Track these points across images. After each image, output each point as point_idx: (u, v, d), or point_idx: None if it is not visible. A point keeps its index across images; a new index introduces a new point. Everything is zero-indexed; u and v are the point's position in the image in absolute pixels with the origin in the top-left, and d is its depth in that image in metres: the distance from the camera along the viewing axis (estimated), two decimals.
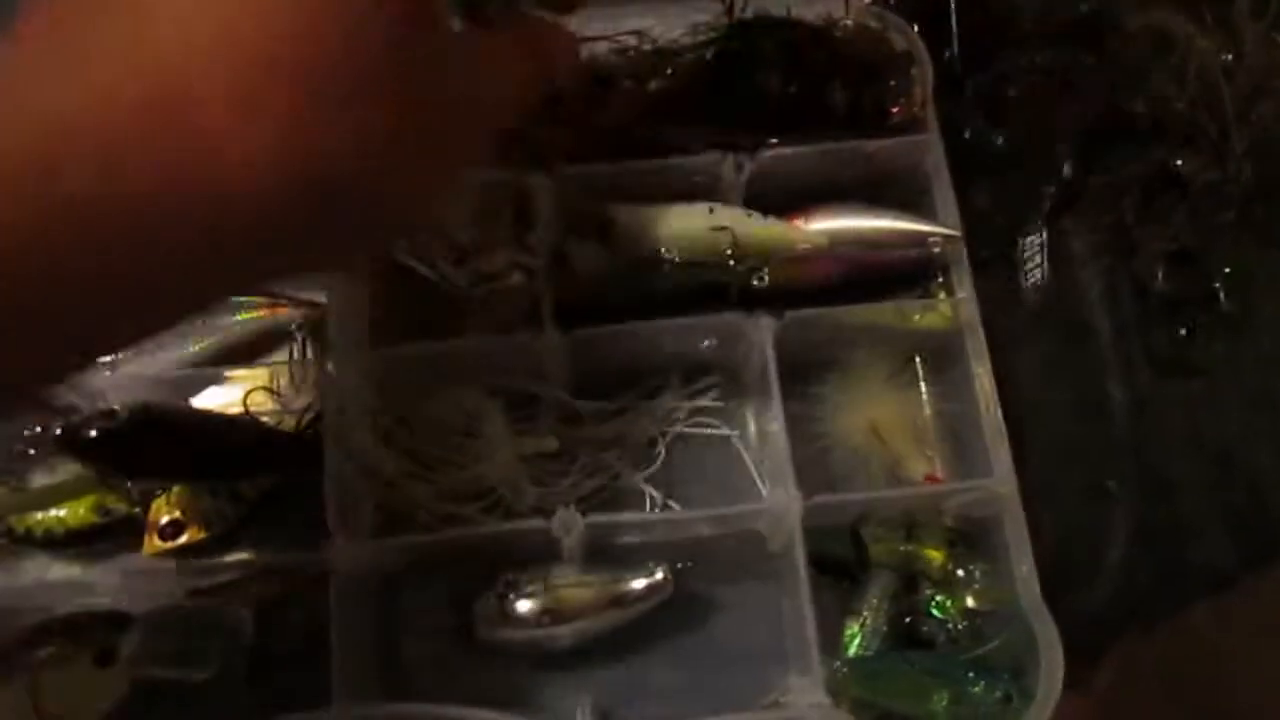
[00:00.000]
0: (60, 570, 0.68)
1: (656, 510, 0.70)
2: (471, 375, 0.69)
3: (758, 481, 0.71)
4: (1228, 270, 0.76)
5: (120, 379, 0.66)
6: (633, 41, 0.71)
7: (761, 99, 0.69)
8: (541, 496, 0.69)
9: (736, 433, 0.72)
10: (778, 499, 0.65)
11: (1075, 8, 0.79)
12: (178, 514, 0.67)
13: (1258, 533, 0.73)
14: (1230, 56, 0.78)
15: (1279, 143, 0.79)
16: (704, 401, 0.72)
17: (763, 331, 0.66)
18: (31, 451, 0.61)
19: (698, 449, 0.72)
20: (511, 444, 0.69)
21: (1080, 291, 0.77)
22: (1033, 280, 0.77)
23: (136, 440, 0.60)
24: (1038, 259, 0.77)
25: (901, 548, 0.65)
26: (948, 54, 0.78)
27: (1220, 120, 0.76)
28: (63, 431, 0.59)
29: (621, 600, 0.64)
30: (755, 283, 0.67)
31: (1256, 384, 0.76)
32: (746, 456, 0.72)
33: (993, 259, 0.77)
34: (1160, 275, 0.76)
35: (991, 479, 0.65)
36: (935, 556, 0.65)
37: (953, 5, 0.79)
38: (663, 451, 0.71)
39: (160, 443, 0.61)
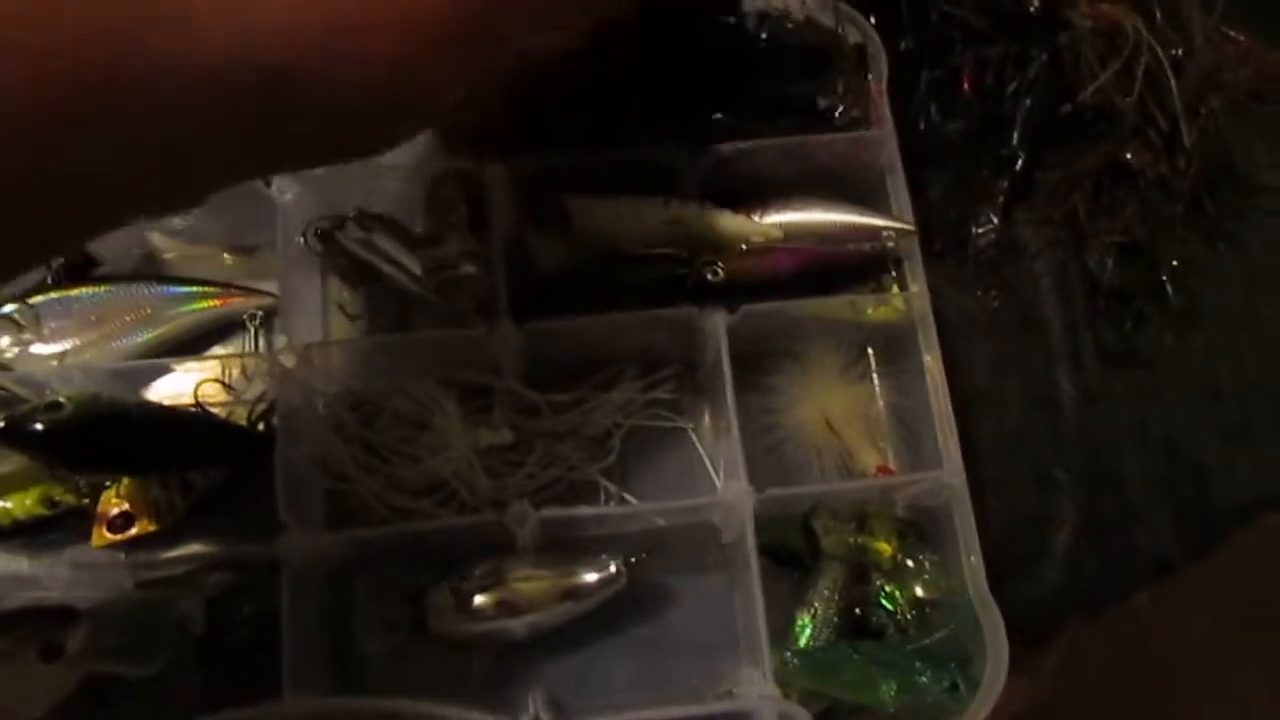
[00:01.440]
0: (6, 562, 0.67)
1: (611, 503, 0.70)
2: (425, 366, 0.69)
3: (712, 474, 0.71)
4: (1175, 263, 0.77)
5: (68, 370, 0.65)
6: None
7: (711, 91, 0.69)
8: (496, 489, 0.69)
9: (691, 425, 0.72)
10: (731, 491, 0.65)
11: (1026, 3, 0.79)
12: (127, 506, 0.66)
13: (1202, 521, 0.75)
14: (1179, 51, 0.79)
15: (1227, 137, 0.81)
16: (659, 394, 0.72)
17: (716, 324, 0.66)
18: None
19: (653, 441, 0.72)
20: (466, 436, 0.68)
21: (1031, 284, 0.78)
22: (986, 271, 0.77)
23: (84, 432, 0.60)
24: (991, 250, 0.78)
25: (852, 539, 0.66)
26: (902, 46, 0.79)
27: (1170, 114, 0.77)
28: (7, 423, 0.58)
29: (575, 593, 0.64)
30: (709, 276, 0.68)
31: (1203, 376, 0.77)
32: (701, 449, 0.72)
33: (945, 251, 0.78)
34: (1110, 268, 0.77)
35: (941, 470, 0.66)
36: (885, 548, 0.66)
37: None
38: (618, 444, 0.71)
39: (108, 435, 0.61)
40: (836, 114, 0.73)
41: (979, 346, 0.76)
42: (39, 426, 0.58)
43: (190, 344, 0.72)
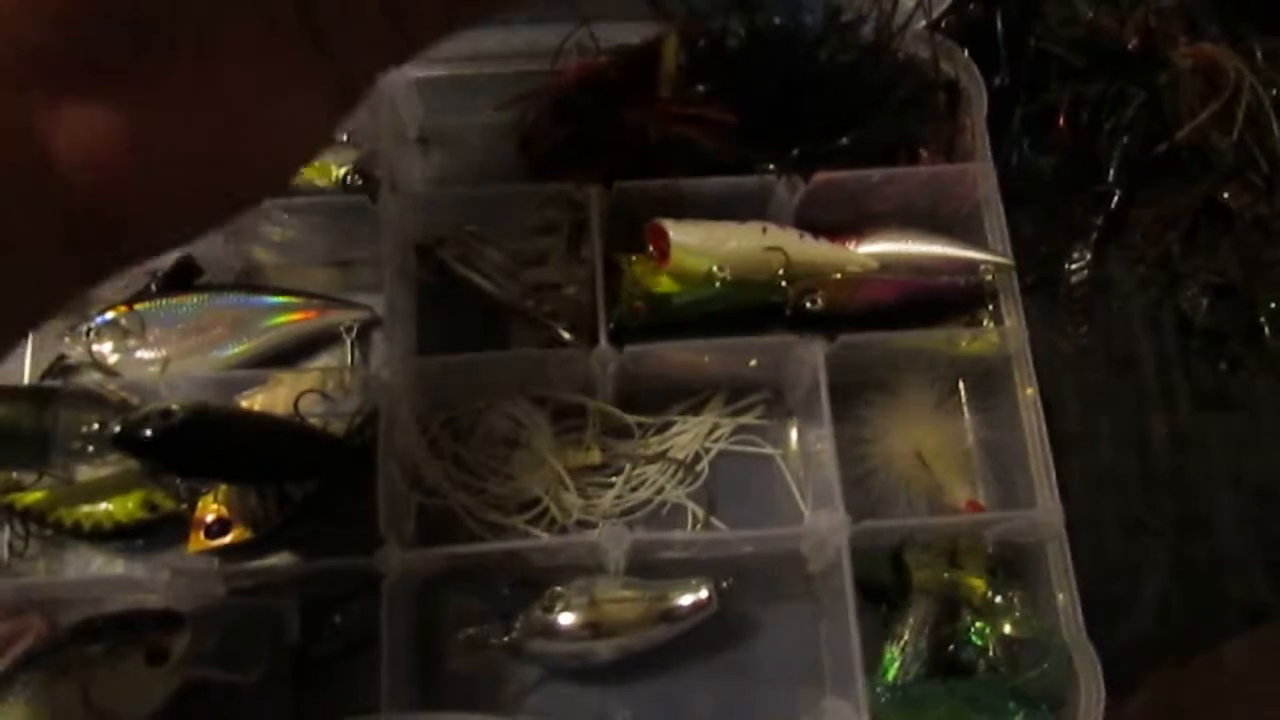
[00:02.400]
0: (105, 564, 0.69)
1: (699, 527, 0.70)
2: (520, 384, 0.70)
3: (799, 501, 0.71)
4: (1273, 305, 0.76)
5: (171, 378, 0.66)
6: None
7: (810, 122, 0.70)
8: (585, 509, 0.69)
9: (780, 451, 0.72)
10: (822, 521, 0.65)
11: (1125, 41, 0.79)
12: (224, 512, 0.67)
13: None
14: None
15: None
16: (748, 419, 0.73)
17: (814, 353, 0.66)
18: (90, 448, 0.61)
19: (740, 466, 0.72)
20: (557, 456, 0.69)
21: (1124, 322, 0.77)
22: (1077, 309, 0.77)
23: (192, 440, 0.60)
24: (1082, 288, 0.77)
25: (944, 574, 0.65)
26: (997, 81, 0.78)
27: (1270, 155, 0.77)
28: (121, 429, 0.59)
29: (666, 617, 0.64)
30: (808, 304, 0.68)
31: None
32: (789, 476, 0.72)
33: (1036, 285, 0.77)
34: (1204, 308, 0.77)
35: (1035, 510, 0.65)
36: (977, 585, 0.65)
37: (1000, 34, 0.80)
38: (706, 468, 0.71)
39: (214, 443, 0.61)
40: (927, 150, 0.73)
41: (1069, 384, 0.75)
42: (150, 433, 0.59)
43: (287, 355, 0.73)
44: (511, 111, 0.71)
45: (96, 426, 0.61)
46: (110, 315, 0.70)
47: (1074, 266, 0.77)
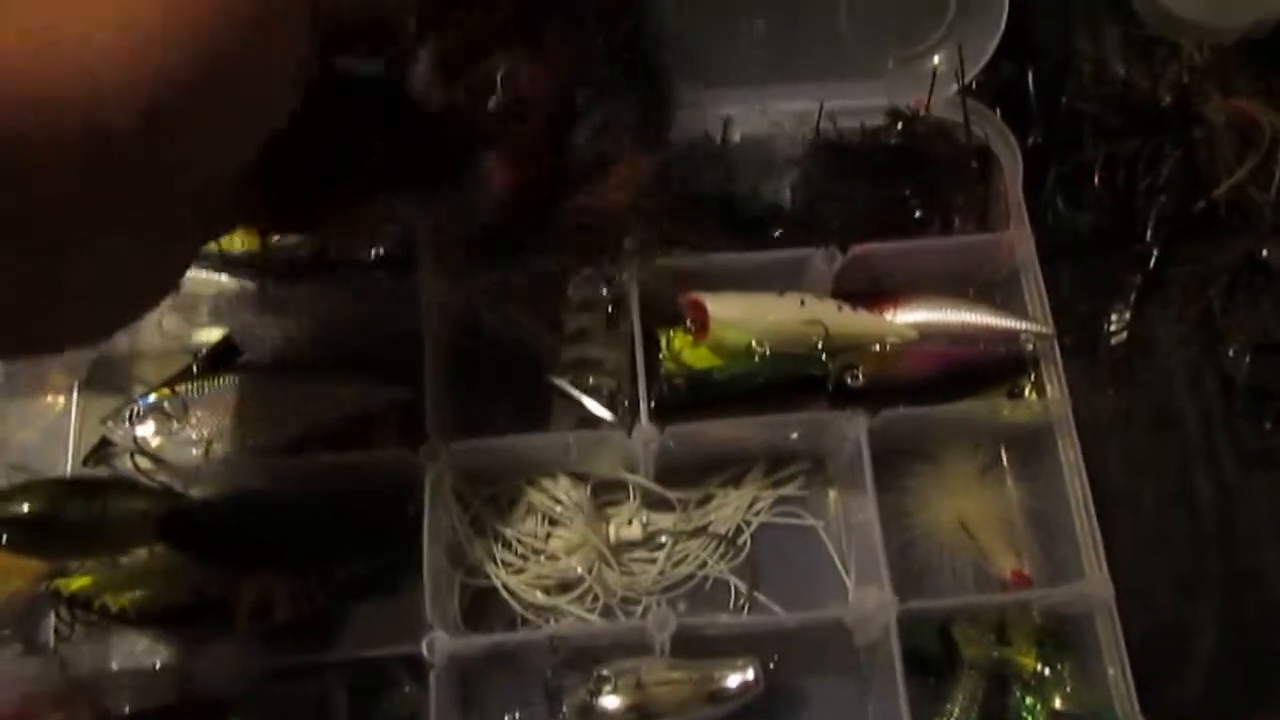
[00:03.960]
0: (149, 648, 0.69)
1: (743, 602, 0.70)
2: (561, 462, 0.70)
3: (843, 574, 0.71)
4: None
5: (215, 464, 0.67)
6: None
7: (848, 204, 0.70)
8: (628, 586, 0.69)
9: (821, 523, 0.72)
10: (869, 599, 0.64)
11: (1159, 98, 0.79)
12: (268, 594, 0.67)
13: None
14: None
15: None
16: (789, 490, 0.72)
17: (857, 428, 0.66)
18: (136, 538, 0.61)
19: (782, 537, 0.72)
20: (598, 532, 0.69)
21: (1165, 381, 0.77)
22: (1118, 369, 0.76)
23: (236, 529, 0.61)
24: (1123, 347, 0.77)
25: (994, 652, 0.65)
26: (1031, 140, 0.78)
27: None
28: (166, 521, 0.59)
29: (713, 698, 0.64)
30: (849, 380, 0.67)
31: None
32: (831, 548, 0.71)
33: (1076, 345, 0.76)
34: (1246, 366, 0.76)
35: (1084, 581, 0.65)
36: (1028, 661, 0.65)
37: (1032, 93, 0.80)
38: (748, 541, 0.71)
39: (259, 532, 0.62)
40: (959, 218, 0.73)
41: (1112, 445, 0.74)
42: (195, 524, 0.59)
43: (328, 433, 0.73)
44: None
45: (142, 517, 0.61)
46: (153, 398, 0.71)
47: (1114, 326, 0.77)
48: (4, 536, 0.61)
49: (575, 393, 0.69)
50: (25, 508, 0.61)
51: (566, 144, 0.51)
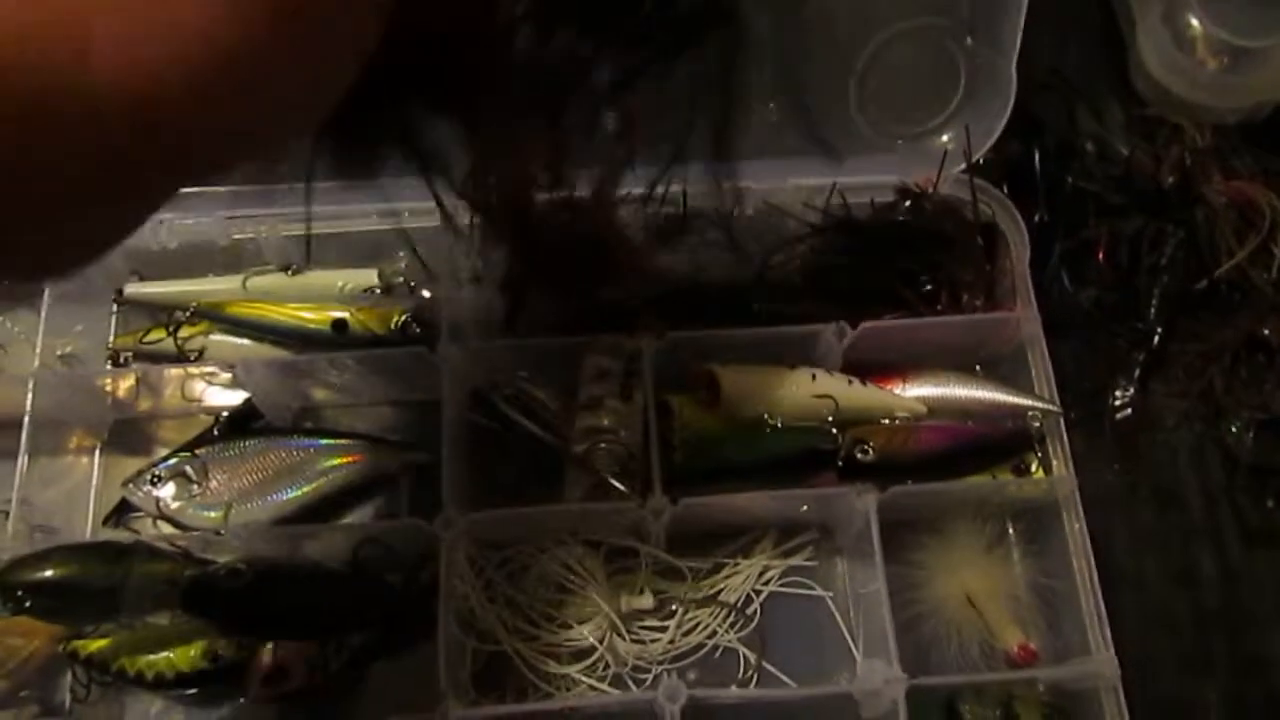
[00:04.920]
0: (164, 711, 0.69)
1: (751, 672, 0.70)
2: (573, 531, 0.71)
3: (851, 646, 0.71)
4: None
5: (236, 529, 0.68)
6: None
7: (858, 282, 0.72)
8: (638, 654, 0.70)
9: (830, 593, 0.73)
10: (876, 674, 0.65)
11: (1160, 179, 0.81)
12: (283, 660, 0.68)
13: None
14: None
15: None
16: (798, 561, 0.73)
17: (866, 503, 0.67)
18: (157, 604, 0.62)
19: (790, 606, 0.73)
20: (609, 600, 0.70)
21: (1169, 458, 0.78)
22: (1122, 444, 0.77)
23: (257, 599, 0.62)
24: (1127, 423, 0.78)
25: None
26: (1036, 218, 0.80)
27: None
28: (188, 590, 0.60)
29: None
30: (859, 455, 0.69)
31: None
32: (839, 619, 0.72)
33: (1080, 421, 0.78)
34: (1249, 444, 0.77)
35: (1090, 659, 0.66)
36: None
37: (1037, 170, 0.82)
38: (758, 610, 0.72)
39: (279, 601, 0.63)
40: (967, 294, 0.75)
41: (1117, 521, 0.75)
42: (217, 594, 0.60)
43: (344, 497, 0.74)
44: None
45: (161, 584, 0.62)
46: (173, 461, 0.72)
47: (1118, 402, 0.78)
48: (27, 603, 0.62)
49: (588, 462, 0.70)
50: (48, 574, 0.62)
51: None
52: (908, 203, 0.76)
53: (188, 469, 0.71)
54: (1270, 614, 0.74)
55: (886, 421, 0.72)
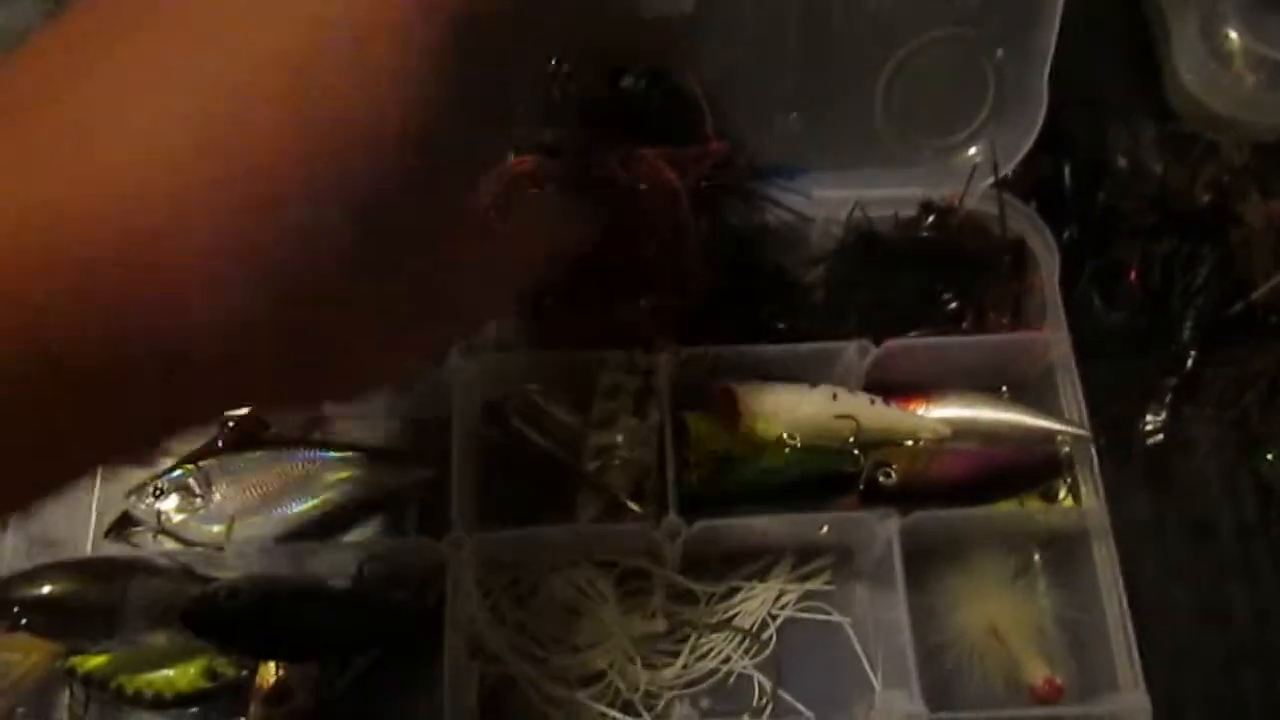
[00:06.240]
0: None
1: (766, 699, 0.68)
2: (585, 552, 0.69)
3: (870, 674, 0.69)
4: None
5: (239, 546, 0.66)
6: None
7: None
8: (650, 680, 0.68)
9: (848, 619, 0.71)
10: (896, 703, 0.63)
11: (1195, 199, 0.78)
12: (285, 680, 0.66)
13: None
14: None
15: None
16: (815, 585, 0.71)
17: (888, 528, 0.65)
18: (156, 622, 0.61)
19: (808, 632, 0.71)
20: (621, 624, 0.68)
21: (1201, 487, 0.75)
22: (1152, 472, 0.75)
23: (258, 619, 0.60)
24: (1158, 450, 0.75)
25: None
26: (1065, 236, 0.78)
27: None
28: (188, 609, 0.59)
29: None
30: (881, 479, 0.66)
31: None
32: (858, 646, 0.70)
33: (1109, 447, 0.75)
34: None
35: (1119, 695, 0.63)
36: None
37: (1068, 187, 0.80)
38: (774, 636, 0.70)
39: (281, 621, 0.61)
40: (993, 312, 0.73)
41: (1146, 552, 0.73)
42: (217, 614, 0.59)
43: (353, 511, 0.72)
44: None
45: (162, 601, 0.61)
46: (177, 473, 0.70)
47: (1149, 428, 0.76)
48: (24, 620, 0.61)
49: (601, 481, 0.68)
50: (45, 591, 0.61)
51: None
52: (931, 218, 0.74)
53: (191, 481, 0.70)
54: None
55: (910, 444, 0.69)
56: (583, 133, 0.66)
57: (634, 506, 0.66)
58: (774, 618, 0.70)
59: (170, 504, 0.69)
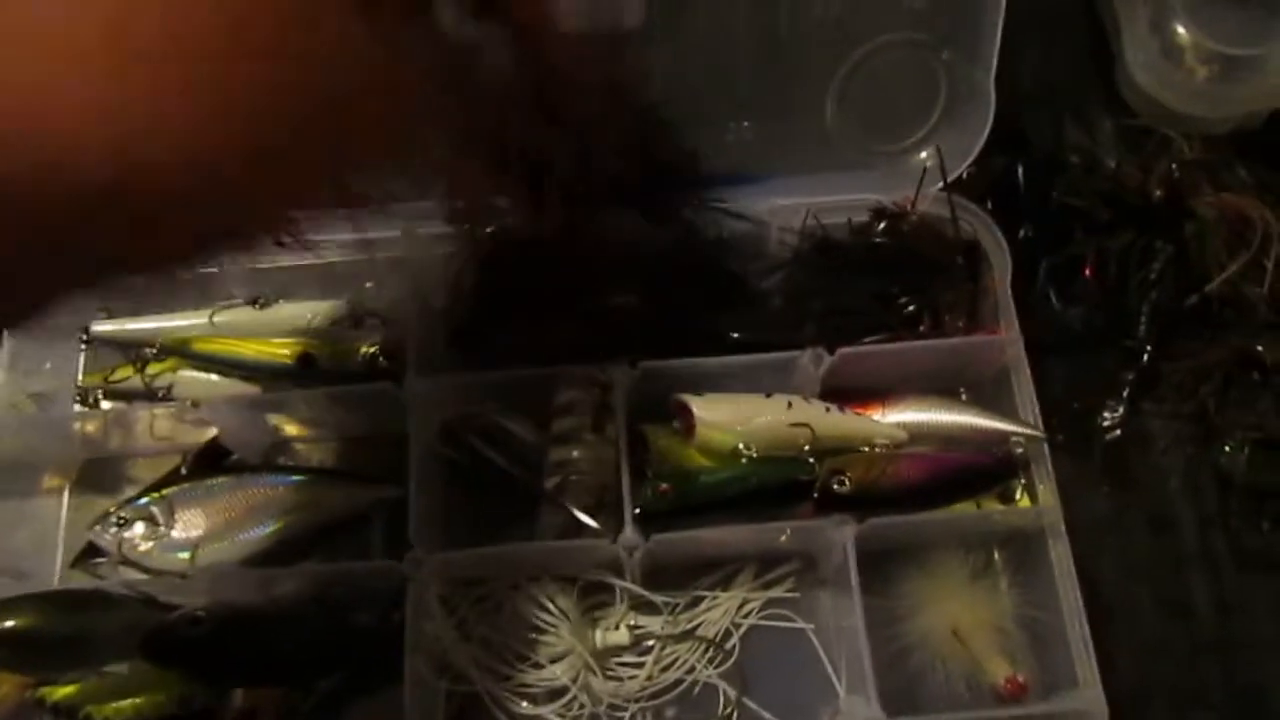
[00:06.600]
0: None
1: (731, 709, 0.69)
2: (546, 568, 0.69)
3: (834, 680, 0.69)
4: None
5: (203, 573, 0.67)
6: None
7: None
8: (614, 692, 0.68)
9: (812, 626, 0.71)
10: (858, 709, 0.63)
11: (1148, 193, 0.78)
12: (253, 704, 0.67)
13: None
14: None
15: None
16: (779, 592, 0.72)
17: (846, 536, 0.65)
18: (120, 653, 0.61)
19: (772, 640, 0.71)
20: (584, 638, 0.68)
21: (1160, 480, 0.76)
22: (1111, 466, 0.75)
23: (220, 646, 0.61)
24: (1116, 444, 0.76)
25: None
26: (1021, 233, 0.78)
27: None
28: (148, 639, 0.59)
29: None
30: (836, 487, 0.67)
31: None
32: (822, 652, 0.70)
33: (1068, 443, 0.75)
34: (1243, 464, 0.75)
35: (1079, 692, 0.64)
36: None
37: (1022, 185, 0.80)
38: (737, 645, 0.70)
39: (243, 648, 0.62)
40: (948, 315, 0.73)
41: (1106, 547, 0.73)
42: (178, 643, 0.59)
43: (316, 533, 0.72)
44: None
45: (127, 631, 0.61)
46: (142, 500, 0.71)
47: (1107, 423, 0.76)
48: None
49: (560, 498, 0.68)
50: (9, 624, 0.61)
51: None
52: (883, 223, 0.74)
53: (154, 510, 0.70)
54: (1267, 642, 0.72)
55: (866, 450, 0.70)
56: None
57: (592, 523, 0.67)
58: (738, 626, 0.71)
59: (134, 533, 0.70)
